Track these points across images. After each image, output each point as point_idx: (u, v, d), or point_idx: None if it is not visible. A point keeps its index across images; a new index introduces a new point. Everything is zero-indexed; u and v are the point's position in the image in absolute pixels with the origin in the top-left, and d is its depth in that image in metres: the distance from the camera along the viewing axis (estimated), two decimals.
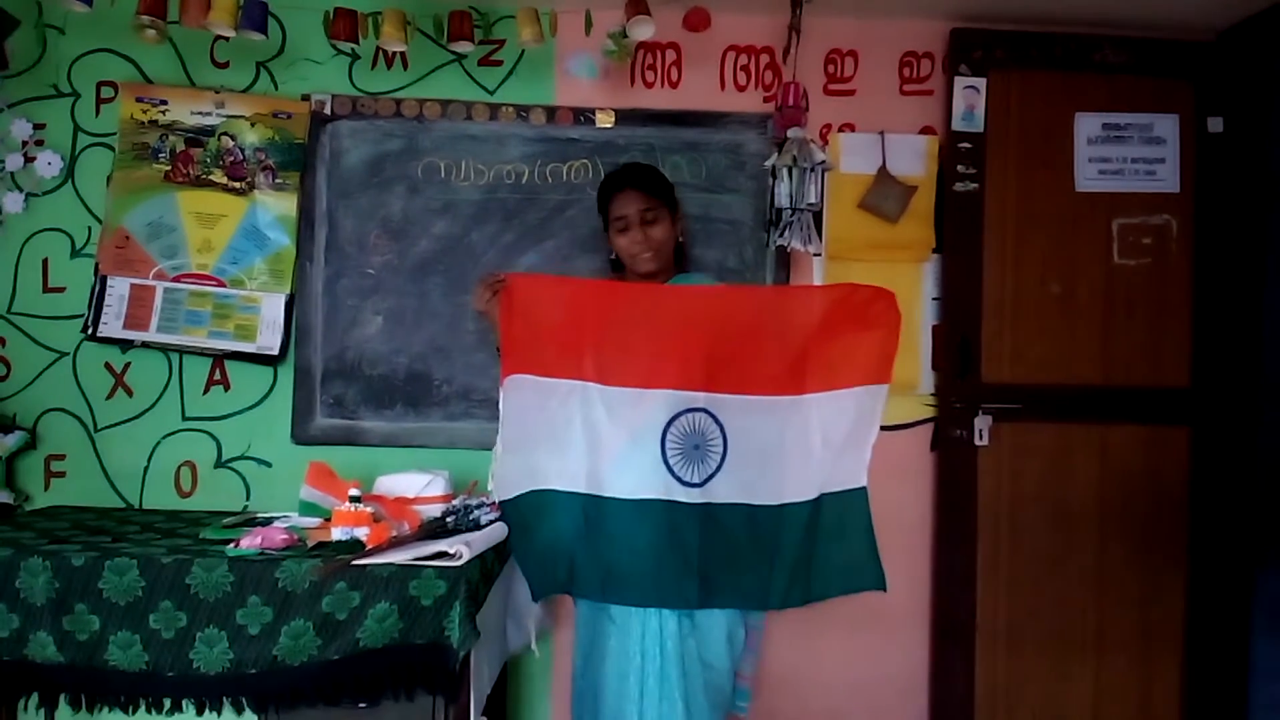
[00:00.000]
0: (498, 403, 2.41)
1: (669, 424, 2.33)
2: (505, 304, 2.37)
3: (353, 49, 2.94)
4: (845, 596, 2.65)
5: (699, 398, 2.34)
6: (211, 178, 2.96)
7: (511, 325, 2.37)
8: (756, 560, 2.36)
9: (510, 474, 2.40)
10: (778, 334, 2.37)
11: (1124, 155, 3.09)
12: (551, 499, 2.37)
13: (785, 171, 2.79)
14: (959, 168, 3.04)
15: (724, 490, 2.34)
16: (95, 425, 3.00)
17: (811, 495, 2.36)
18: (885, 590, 2.40)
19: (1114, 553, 3.08)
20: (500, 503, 2.39)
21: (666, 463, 2.33)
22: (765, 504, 2.36)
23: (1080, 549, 3.08)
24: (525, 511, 2.38)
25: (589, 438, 2.36)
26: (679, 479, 2.32)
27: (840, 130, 3.08)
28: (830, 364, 2.35)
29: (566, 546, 2.37)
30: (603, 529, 2.35)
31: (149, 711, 2.13)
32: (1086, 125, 3.09)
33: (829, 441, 2.36)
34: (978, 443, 3.04)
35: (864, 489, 2.38)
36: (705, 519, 2.33)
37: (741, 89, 3.08)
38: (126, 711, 2.14)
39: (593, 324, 2.36)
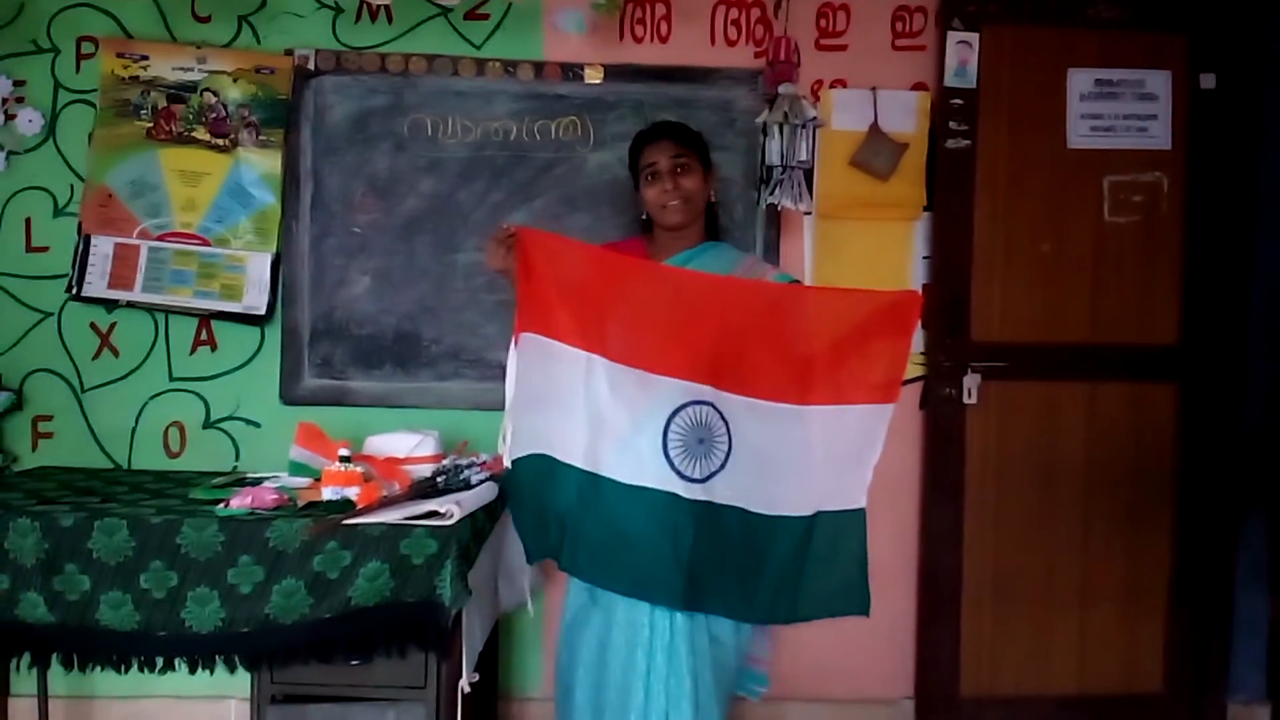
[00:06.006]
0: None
1: (674, 414, 2.23)
2: (521, 259, 2.27)
3: (336, 2, 2.90)
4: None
5: (706, 391, 2.23)
6: (194, 135, 2.92)
7: (527, 282, 2.27)
8: (745, 569, 2.26)
9: (519, 434, 2.31)
10: (791, 336, 2.25)
11: (1116, 112, 3.07)
12: (550, 465, 2.29)
13: (776, 128, 2.77)
14: (951, 124, 3.01)
15: (724, 491, 2.24)
16: (82, 386, 2.98)
17: (808, 511, 2.25)
18: (868, 615, 2.29)
19: (1100, 509, 3.10)
20: (513, 461, 2.31)
21: (666, 453, 2.23)
22: (760, 512, 2.25)
23: (1067, 506, 3.10)
24: (527, 473, 2.31)
25: (590, 413, 2.26)
26: (678, 472, 2.22)
27: (832, 86, 3.04)
28: (838, 377, 2.24)
29: (560, 517, 2.30)
30: (596, 509, 2.26)
31: (141, 671, 2.15)
32: (1079, 81, 3.06)
33: (830, 457, 2.25)
34: (966, 401, 3.05)
35: (862, 510, 2.26)
36: (702, 517, 2.22)
37: (732, 44, 3.04)
38: (119, 671, 2.15)
39: (608, 295, 2.26)
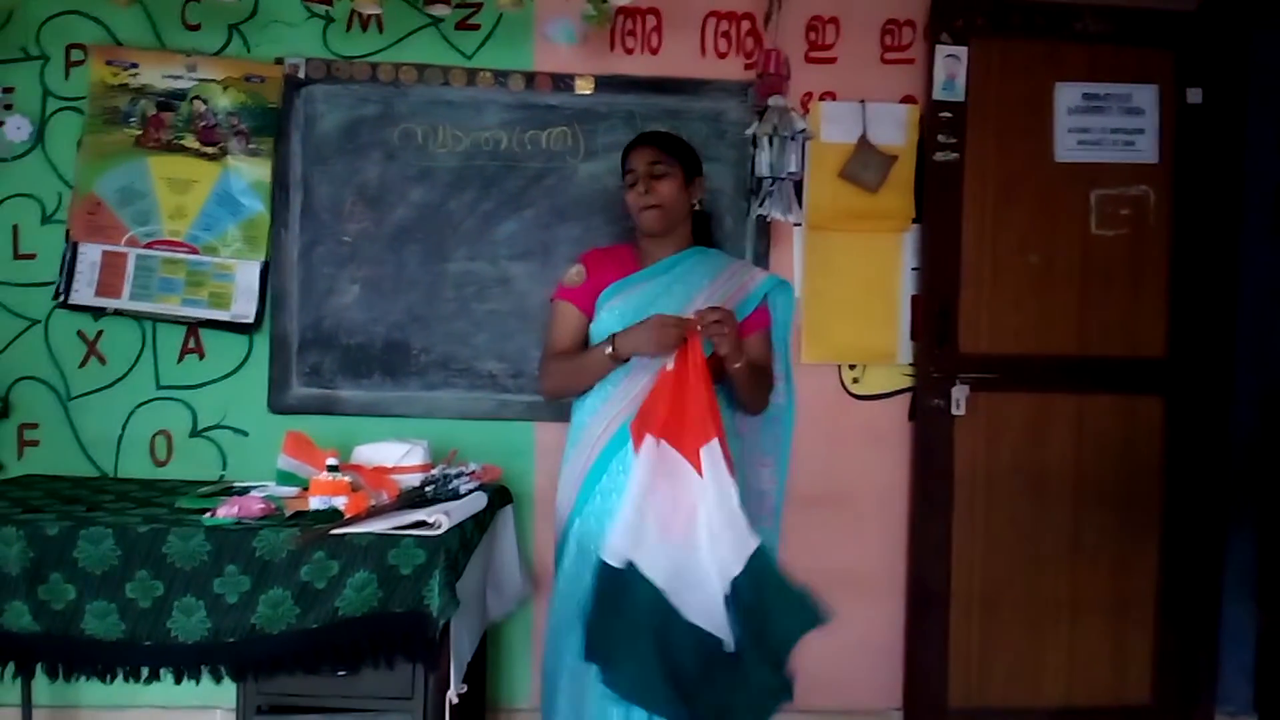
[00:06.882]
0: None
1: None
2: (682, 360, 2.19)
3: (326, 11, 2.90)
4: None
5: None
6: (184, 142, 2.91)
7: (680, 388, 2.19)
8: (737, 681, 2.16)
9: (635, 536, 2.17)
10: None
11: (1103, 126, 3.09)
12: (635, 578, 2.14)
13: (766, 140, 2.78)
14: (939, 137, 3.03)
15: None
16: (68, 394, 2.96)
17: (729, 591, 2.15)
18: (828, 621, 2.19)
19: (1088, 521, 3.11)
20: (625, 565, 2.16)
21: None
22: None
23: (1055, 517, 3.11)
24: (622, 584, 2.14)
25: (688, 539, 2.17)
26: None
27: (821, 99, 3.06)
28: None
29: (618, 629, 2.14)
30: (661, 634, 2.12)
31: (126, 681, 2.13)
32: (1066, 95, 3.08)
33: (719, 525, 2.16)
34: (955, 412, 3.06)
35: (762, 547, 2.17)
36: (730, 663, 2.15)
37: (722, 56, 3.05)
38: (104, 681, 2.13)
39: None
